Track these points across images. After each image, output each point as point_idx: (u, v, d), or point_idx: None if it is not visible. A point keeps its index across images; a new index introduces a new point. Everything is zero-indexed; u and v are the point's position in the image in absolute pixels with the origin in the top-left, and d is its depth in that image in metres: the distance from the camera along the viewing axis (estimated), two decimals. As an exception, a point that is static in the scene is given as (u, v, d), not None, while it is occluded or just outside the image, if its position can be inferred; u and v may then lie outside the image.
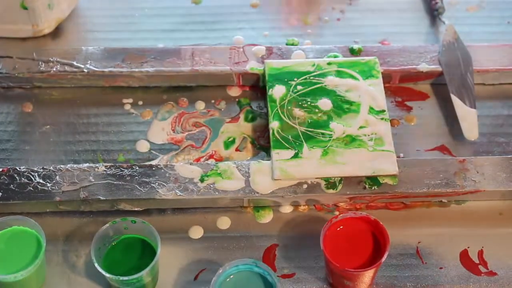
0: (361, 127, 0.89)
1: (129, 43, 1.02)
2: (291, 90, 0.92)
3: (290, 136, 0.89)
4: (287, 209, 0.89)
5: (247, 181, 0.87)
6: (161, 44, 1.02)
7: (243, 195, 0.87)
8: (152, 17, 1.06)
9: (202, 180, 0.88)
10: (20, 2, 0.99)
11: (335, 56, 0.98)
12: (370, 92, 0.92)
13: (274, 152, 0.88)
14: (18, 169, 0.88)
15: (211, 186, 0.87)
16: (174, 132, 0.95)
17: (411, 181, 0.87)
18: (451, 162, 0.89)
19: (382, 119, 0.90)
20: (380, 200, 0.88)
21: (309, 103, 0.91)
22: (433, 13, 1.05)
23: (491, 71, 0.97)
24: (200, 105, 0.97)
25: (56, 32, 1.04)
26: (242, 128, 0.95)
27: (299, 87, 0.92)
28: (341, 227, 0.82)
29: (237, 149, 0.94)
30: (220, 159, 0.92)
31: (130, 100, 0.98)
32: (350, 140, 0.89)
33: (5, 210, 0.86)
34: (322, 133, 0.89)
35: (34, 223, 0.81)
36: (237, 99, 0.98)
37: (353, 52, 0.98)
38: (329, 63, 0.95)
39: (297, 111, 0.91)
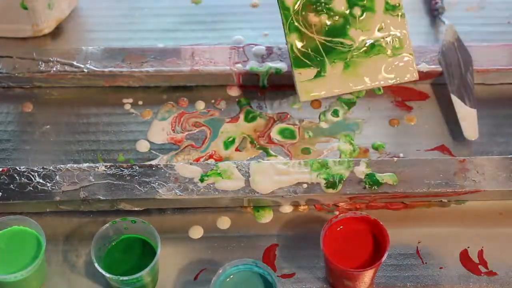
0: (379, 29, 0.88)
1: (129, 43, 1.03)
2: None
3: (309, 49, 0.87)
4: (287, 209, 0.89)
5: (247, 181, 0.88)
6: (161, 44, 1.03)
7: (243, 195, 0.87)
8: (152, 17, 1.07)
9: (202, 180, 0.88)
10: (20, 2, 0.99)
11: None
12: None
13: (297, 72, 0.88)
14: (18, 169, 0.88)
15: (211, 186, 0.87)
16: (174, 132, 0.95)
17: (411, 181, 0.87)
18: (451, 162, 0.89)
19: (397, 16, 0.88)
20: (380, 200, 0.88)
21: (323, 4, 0.87)
22: (433, 13, 1.05)
23: (491, 71, 0.97)
24: (200, 105, 0.98)
25: (56, 32, 1.04)
26: (242, 128, 0.95)
27: None
28: (341, 227, 0.82)
29: (237, 149, 0.94)
30: (220, 159, 0.92)
31: (130, 100, 0.98)
32: (370, 47, 0.88)
33: (5, 210, 0.86)
34: (341, 43, 0.87)
35: (34, 223, 0.81)
36: (237, 99, 0.98)
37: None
38: None
39: (313, 17, 0.87)
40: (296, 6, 0.87)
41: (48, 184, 0.87)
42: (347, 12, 0.88)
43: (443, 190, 0.87)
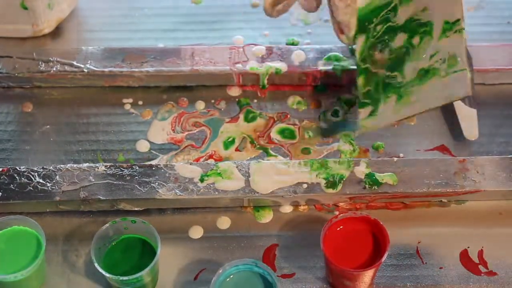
0: (432, 56, 0.85)
1: (129, 43, 1.03)
2: (370, 36, 0.88)
3: (372, 87, 0.88)
4: (287, 209, 0.89)
5: (247, 181, 0.88)
6: (161, 44, 1.03)
7: (243, 195, 0.87)
8: (152, 17, 1.07)
9: (202, 180, 0.88)
10: (20, 2, 0.99)
11: (338, 58, 0.97)
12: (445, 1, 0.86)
13: (359, 111, 0.89)
14: (18, 169, 0.88)
15: (211, 186, 0.87)
16: (174, 132, 0.95)
17: (411, 181, 0.88)
18: (451, 162, 0.89)
19: (456, 32, 0.85)
20: (380, 200, 0.89)
21: (386, 41, 0.87)
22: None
23: (491, 71, 0.98)
24: (200, 105, 0.98)
25: (56, 32, 1.04)
26: (242, 128, 0.96)
27: (378, 28, 0.88)
28: (341, 227, 0.82)
29: (237, 149, 0.94)
30: (220, 159, 0.93)
31: (130, 100, 0.98)
32: (424, 73, 0.85)
33: (5, 210, 0.86)
34: (397, 77, 0.86)
35: (34, 223, 0.81)
36: (237, 99, 0.98)
37: (353, 52, 0.98)
38: None
39: (377, 55, 0.88)
40: (363, 52, 0.89)
41: (48, 184, 0.87)
42: (406, 44, 0.87)
43: (443, 190, 0.87)
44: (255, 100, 0.98)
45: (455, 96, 0.84)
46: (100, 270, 0.79)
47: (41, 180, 0.87)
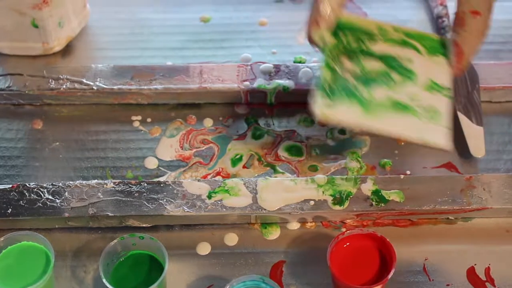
0: (412, 99, 0.82)
1: (138, 61, 1.03)
2: (340, 43, 0.85)
3: (336, 87, 0.83)
4: (294, 225, 0.89)
5: (255, 197, 0.88)
6: (170, 62, 1.03)
7: (251, 212, 0.87)
8: (160, 35, 1.07)
9: (209, 197, 0.88)
10: (31, 21, 1.00)
11: None
12: (434, 66, 0.84)
13: (317, 95, 0.82)
14: (28, 185, 0.89)
15: (219, 202, 0.88)
16: (182, 149, 0.96)
17: (418, 198, 0.88)
18: (458, 179, 0.89)
19: (445, 95, 0.83)
20: (387, 217, 0.89)
21: (359, 59, 0.84)
22: (440, 31, 1.05)
23: (497, 89, 0.98)
24: (208, 122, 0.98)
25: (66, 50, 1.05)
26: (249, 145, 0.96)
27: (352, 44, 0.86)
28: (348, 243, 0.82)
29: (244, 166, 0.94)
30: (227, 176, 0.93)
31: (139, 117, 0.99)
32: (401, 108, 0.82)
33: (14, 226, 0.87)
34: (364, 92, 0.82)
35: (43, 239, 0.82)
36: (244, 117, 0.99)
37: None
38: (395, 29, 0.87)
39: (347, 63, 0.84)
40: (333, 49, 0.85)
41: (57, 201, 0.88)
42: (384, 74, 0.84)
43: (449, 208, 0.87)
44: (263, 118, 0.99)
45: (432, 143, 0.81)
46: (108, 285, 0.79)
47: (50, 197, 0.88)
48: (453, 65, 0.85)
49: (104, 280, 0.79)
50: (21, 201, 0.88)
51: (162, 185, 0.89)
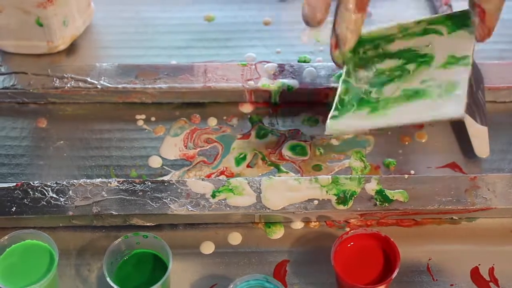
0: (424, 81, 0.82)
1: (143, 60, 1.04)
2: (357, 56, 0.86)
3: (349, 97, 0.84)
4: (298, 225, 0.89)
5: (259, 197, 0.88)
6: (174, 61, 1.04)
7: (254, 211, 0.87)
8: (165, 34, 1.08)
9: (213, 196, 0.88)
10: (36, 19, 1.00)
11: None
12: (455, 41, 0.83)
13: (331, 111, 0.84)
14: (32, 184, 0.89)
15: (223, 201, 0.88)
16: (186, 148, 0.96)
17: (422, 198, 0.88)
18: (462, 179, 0.89)
19: (462, 65, 0.82)
20: (391, 217, 0.89)
21: (374, 62, 0.85)
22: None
23: (502, 89, 0.98)
24: (212, 122, 0.98)
25: (71, 49, 1.05)
26: (254, 144, 0.96)
27: (369, 53, 0.87)
28: (352, 243, 0.82)
29: (248, 166, 0.94)
30: (231, 176, 0.93)
31: (143, 116, 0.99)
32: (412, 94, 0.81)
33: (18, 224, 0.87)
34: (373, 92, 0.83)
35: (47, 237, 0.82)
36: (248, 116, 0.99)
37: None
38: (418, 22, 0.87)
39: (361, 72, 0.85)
40: (348, 64, 0.87)
41: (61, 199, 0.88)
42: (399, 69, 0.85)
43: (454, 207, 0.87)
44: (267, 117, 0.99)
45: (445, 116, 0.80)
46: (112, 284, 0.79)
47: (54, 195, 0.88)
48: (477, 29, 0.83)
49: (108, 279, 0.79)
50: (25, 200, 0.88)
51: (166, 184, 0.89)
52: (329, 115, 0.84)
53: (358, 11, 0.82)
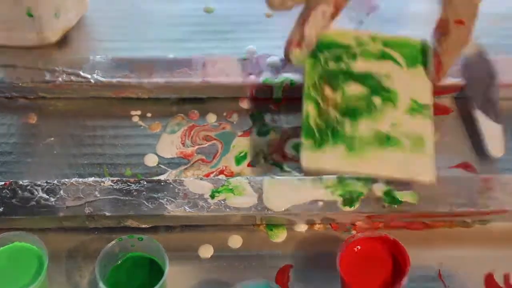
0: (394, 125, 0.84)
1: (138, 53, 1.02)
2: (319, 64, 0.88)
3: (321, 125, 0.85)
4: (301, 227, 0.88)
5: (260, 197, 0.87)
6: (172, 54, 1.02)
7: (256, 213, 0.86)
8: (162, 26, 1.07)
9: (212, 196, 0.87)
10: (26, 10, 0.99)
11: None
12: (414, 80, 0.87)
13: (303, 140, 0.84)
14: (21, 183, 0.88)
15: (222, 202, 0.87)
16: (183, 145, 0.95)
17: (432, 200, 0.86)
18: (475, 180, 0.88)
19: (425, 116, 0.85)
20: (400, 219, 0.87)
21: (339, 82, 0.87)
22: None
23: (517, 85, 0.97)
24: (211, 118, 0.97)
25: (63, 41, 1.04)
26: (255, 142, 0.95)
27: (329, 63, 0.88)
28: (359, 247, 0.81)
29: (249, 165, 0.93)
30: (231, 175, 0.92)
31: (138, 112, 0.98)
32: (385, 140, 0.83)
33: (6, 225, 0.86)
34: (347, 125, 0.84)
35: (36, 239, 0.81)
36: (249, 112, 0.98)
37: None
38: (373, 39, 0.89)
39: (328, 91, 0.86)
40: (313, 77, 0.87)
41: (52, 199, 0.87)
42: (366, 99, 0.86)
43: (466, 210, 0.86)
44: (269, 113, 0.98)
45: (417, 177, 0.82)
46: (105, 290, 0.78)
47: (44, 195, 0.87)
48: (431, 75, 0.87)
49: (100, 284, 0.78)
50: (14, 199, 0.87)
51: (162, 183, 0.88)
52: (303, 142, 0.84)
53: (332, 19, 0.85)
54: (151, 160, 0.94)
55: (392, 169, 0.83)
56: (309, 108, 0.86)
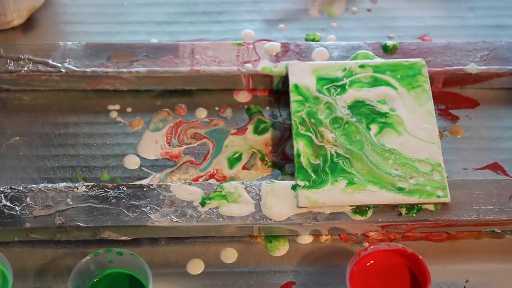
0: (410, 178, 0.89)
1: (117, 38, 1.04)
2: (309, 103, 0.93)
3: (317, 161, 0.89)
4: (306, 239, 0.89)
5: (258, 205, 0.88)
6: (155, 39, 1.03)
7: (253, 222, 0.87)
8: (144, 7, 1.07)
9: (203, 204, 0.88)
10: (-15, -12, 1.00)
11: (367, 57, 0.98)
12: (413, 107, 0.92)
13: (299, 181, 0.89)
14: (-19, 189, 0.89)
15: (214, 211, 0.88)
16: (169, 145, 0.96)
17: (457, 207, 0.88)
18: (506, 183, 0.89)
19: (433, 143, 0.91)
20: (420, 230, 0.89)
21: (339, 122, 0.92)
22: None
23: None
24: (201, 113, 0.98)
25: (28, 24, 1.05)
26: (251, 141, 0.96)
27: (321, 102, 0.94)
28: (372, 261, 0.82)
29: (244, 167, 0.94)
30: (223, 179, 0.93)
31: (117, 107, 0.99)
32: (392, 189, 0.88)
33: (-36, 238, 0.87)
34: (349, 161, 0.89)
35: (-1, 255, 0.82)
36: (245, 106, 0.99)
37: (386, 49, 0.98)
38: (361, 66, 0.95)
39: (329, 135, 0.91)
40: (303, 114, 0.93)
41: (17, 208, 0.87)
42: (360, 131, 0.91)
43: (496, 218, 0.87)
44: (268, 108, 0.99)
45: (430, 198, 0.88)
46: (79, 312, 0.79)
47: (8, 203, 0.88)
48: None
49: None
50: None
51: (145, 189, 0.89)
52: (298, 183, 0.88)
53: None
54: (132, 162, 0.95)
55: (401, 198, 0.87)
56: (299, 145, 0.90)
